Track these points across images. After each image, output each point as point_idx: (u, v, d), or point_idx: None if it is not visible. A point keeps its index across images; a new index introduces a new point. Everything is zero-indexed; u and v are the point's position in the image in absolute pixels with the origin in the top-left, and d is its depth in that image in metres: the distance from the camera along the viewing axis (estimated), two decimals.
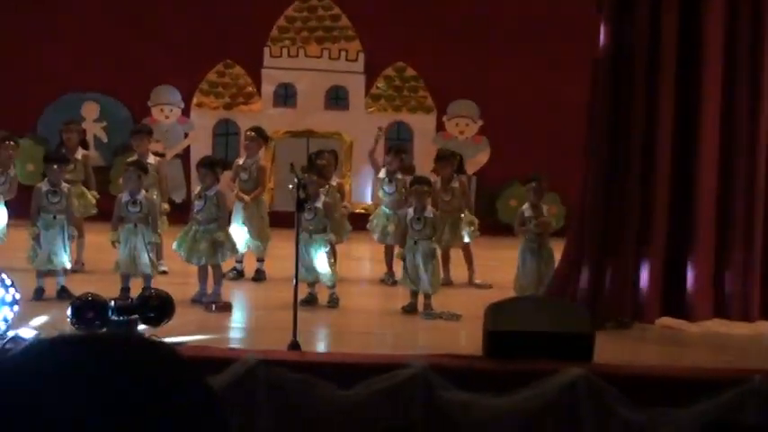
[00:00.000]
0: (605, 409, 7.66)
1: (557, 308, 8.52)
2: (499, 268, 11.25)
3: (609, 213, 9.78)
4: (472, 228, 11.73)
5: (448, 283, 11.20)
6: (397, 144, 14.08)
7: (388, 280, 11.68)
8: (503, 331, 8.09)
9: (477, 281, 11.69)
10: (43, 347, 1.70)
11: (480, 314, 8.37)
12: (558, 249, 10.51)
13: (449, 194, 11.72)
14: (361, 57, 15.58)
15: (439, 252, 10.85)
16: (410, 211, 10.55)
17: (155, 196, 11.36)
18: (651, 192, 9.66)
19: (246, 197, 11.58)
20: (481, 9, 15.39)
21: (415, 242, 10.38)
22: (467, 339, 8.83)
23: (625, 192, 9.70)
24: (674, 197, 9.67)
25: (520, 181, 10.71)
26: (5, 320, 8.54)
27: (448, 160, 11.91)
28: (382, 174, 12.00)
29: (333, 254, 10.62)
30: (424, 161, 14.45)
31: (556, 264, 10.28)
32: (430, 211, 10.60)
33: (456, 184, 11.80)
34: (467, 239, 11.71)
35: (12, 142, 12.12)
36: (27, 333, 8.51)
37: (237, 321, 9.96)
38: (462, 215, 11.75)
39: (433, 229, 10.52)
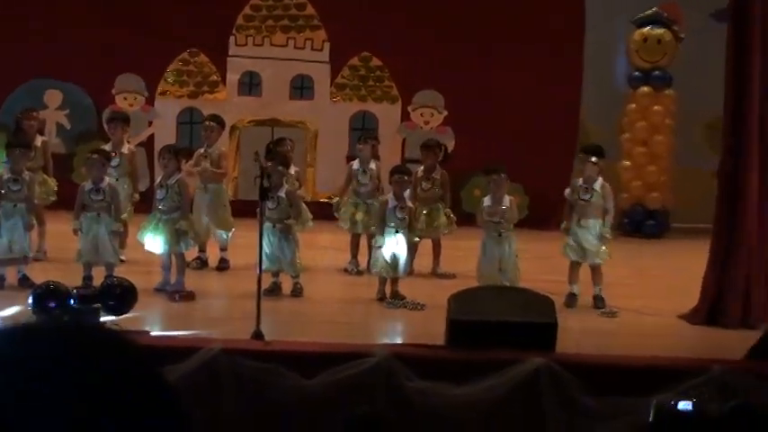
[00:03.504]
0: (567, 398, 7.71)
1: (519, 297, 8.55)
2: (463, 258, 11.28)
3: None
4: (449, 219, 11.78)
5: (409, 272, 11.21)
6: (367, 132, 14.09)
7: (353, 269, 11.71)
8: (465, 320, 8.12)
9: (441, 270, 11.74)
10: None
11: (444, 304, 8.40)
12: (520, 239, 10.58)
13: (429, 183, 11.78)
14: (327, 46, 15.57)
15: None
16: (391, 200, 10.56)
17: (126, 186, 11.35)
18: None
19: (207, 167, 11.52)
20: (445, 2, 15.42)
21: (397, 231, 10.41)
22: (430, 329, 8.85)
23: None
24: None
25: (484, 172, 10.72)
26: None
27: (432, 150, 11.98)
28: (356, 164, 12.01)
29: (296, 243, 10.62)
30: (389, 151, 14.47)
31: (517, 253, 10.34)
32: (410, 201, 10.68)
33: (437, 175, 11.84)
34: (445, 230, 11.77)
35: None
36: None
37: (201, 310, 9.93)
38: (440, 206, 11.79)
39: (410, 218, 10.59)
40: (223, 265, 11.58)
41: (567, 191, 10.59)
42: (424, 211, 11.70)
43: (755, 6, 9.65)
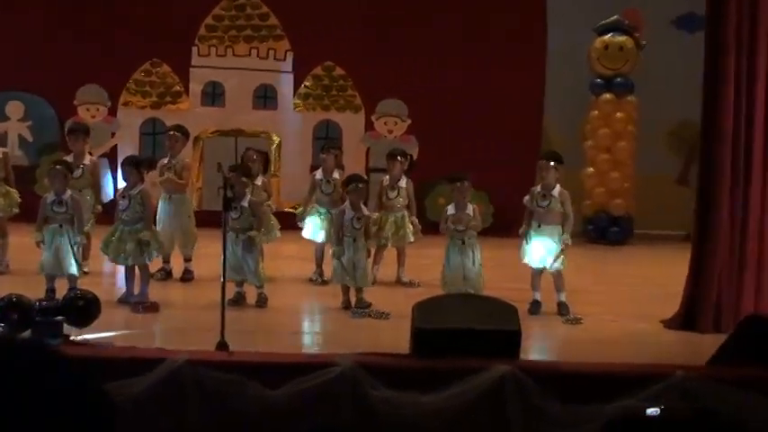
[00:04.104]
0: (532, 405, 7.71)
1: (484, 305, 8.53)
2: (428, 266, 11.29)
3: None
4: (415, 228, 11.80)
5: (374, 281, 11.21)
6: (331, 142, 14.09)
7: (317, 279, 11.71)
8: (430, 329, 8.10)
9: (406, 279, 11.76)
10: None
11: (409, 312, 8.39)
12: (484, 247, 10.59)
13: (395, 192, 11.79)
14: (290, 56, 15.58)
15: (372, 249, 10.96)
16: (347, 209, 10.55)
17: (88, 197, 11.30)
18: None
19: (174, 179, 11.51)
20: (410, 9, 15.44)
21: (355, 240, 10.42)
22: (395, 337, 8.82)
23: None
24: None
25: (447, 180, 10.74)
26: None
27: (398, 159, 11.95)
28: (319, 174, 12.00)
29: (260, 253, 10.60)
30: (353, 160, 14.49)
31: (481, 261, 10.37)
32: (367, 210, 10.67)
33: (404, 184, 11.85)
34: (411, 239, 11.77)
35: None
36: None
37: (165, 321, 9.88)
38: (406, 214, 11.81)
39: (367, 227, 10.59)
40: (187, 276, 11.57)
41: (526, 198, 10.61)
42: (390, 220, 11.70)
43: (730, 13, 9.73)
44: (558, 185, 10.57)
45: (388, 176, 11.95)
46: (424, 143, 15.41)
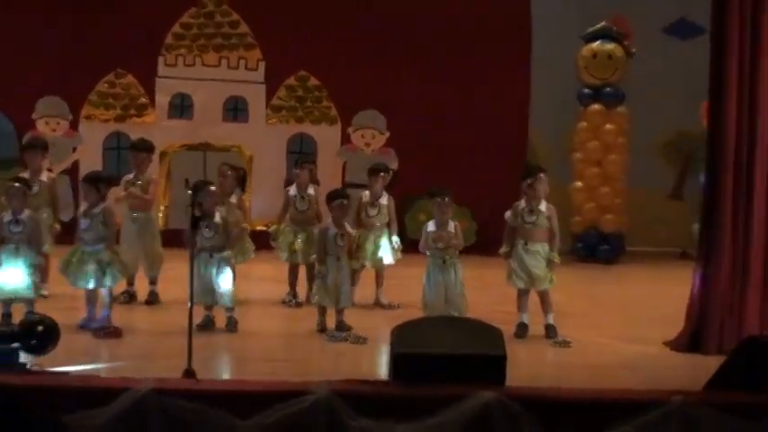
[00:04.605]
0: None
1: (467, 328, 8.46)
2: (408, 287, 11.25)
3: None
4: (396, 248, 11.75)
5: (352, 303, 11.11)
6: (304, 156, 14.05)
7: (291, 301, 11.63)
8: (410, 354, 8.04)
9: (385, 301, 11.71)
10: None
11: (388, 336, 8.32)
12: (467, 266, 10.52)
13: (375, 209, 11.74)
14: (262, 66, 15.56)
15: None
16: (331, 227, 10.48)
17: (46, 216, 11.18)
18: None
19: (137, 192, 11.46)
20: (387, 18, 15.42)
21: (338, 258, 10.35)
22: (373, 363, 8.83)
23: None
24: None
25: (427, 195, 10.67)
26: None
27: (380, 175, 11.90)
28: (293, 190, 11.92)
29: (233, 273, 10.52)
30: (328, 175, 14.45)
31: (464, 281, 10.30)
32: (350, 227, 10.66)
33: (385, 201, 11.80)
34: (389, 260, 11.73)
35: None
36: None
37: (129, 348, 9.79)
38: (386, 233, 11.77)
39: (350, 245, 10.56)
40: (152, 299, 11.49)
41: (508, 214, 10.51)
42: (370, 239, 11.66)
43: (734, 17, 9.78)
44: (543, 200, 10.49)
45: (367, 192, 11.88)
46: (403, 157, 15.39)
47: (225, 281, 10.32)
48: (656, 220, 15.95)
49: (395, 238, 11.81)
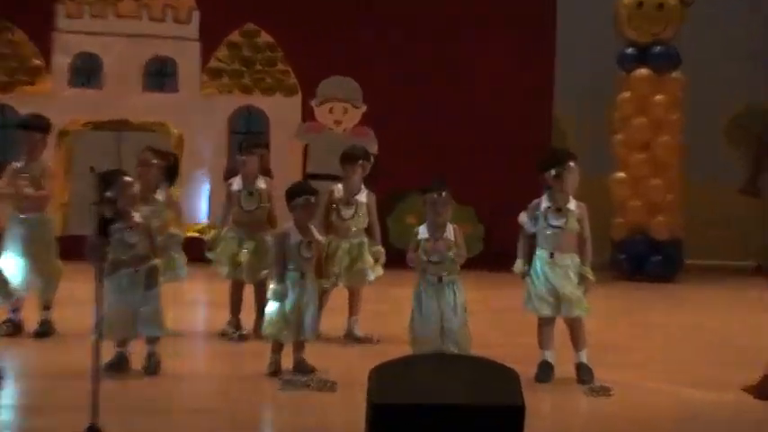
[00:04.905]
0: None
1: (471, 369, 8.36)
2: (391, 314, 11.26)
3: None
4: (377, 262, 11.79)
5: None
6: (252, 138, 14.12)
7: (233, 332, 11.64)
8: (393, 405, 7.93)
9: (359, 333, 11.72)
10: None
11: (364, 380, 8.19)
12: (470, 286, 10.47)
13: (351, 209, 11.71)
14: (196, 16, 15.57)
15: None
16: (292, 232, 10.36)
17: None
18: None
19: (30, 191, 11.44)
20: None
21: (302, 275, 10.24)
22: (345, 417, 8.78)
23: None
24: None
25: (417, 190, 10.57)
26: None
27: (357, 163, 11.86)
28: (237, 184, 11.83)
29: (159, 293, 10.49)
30: (284, 163, 14.39)
31: (466, 306, 10.21)
32: (318, 234, 10.65)
33: (364, 199, 11.82)
34: (370, 277, 11.75)
35: None
36: None
37: (12, 397, 9.73)
38: (365, 241, 11.81)
39: (319, 258, 10.57)
40: (45, 330, 11.46)
41: (523, 216, 10.40)
42: (343, 248, 11.66)
43: None
44: (571, 197, 10.39)
45: (340, 186, 11.87)
46: (384, 140, 15.34)
47: (150, 302, 10.25)
48: (722, 224, 15.97)
49: (378, 249, 11.70)
